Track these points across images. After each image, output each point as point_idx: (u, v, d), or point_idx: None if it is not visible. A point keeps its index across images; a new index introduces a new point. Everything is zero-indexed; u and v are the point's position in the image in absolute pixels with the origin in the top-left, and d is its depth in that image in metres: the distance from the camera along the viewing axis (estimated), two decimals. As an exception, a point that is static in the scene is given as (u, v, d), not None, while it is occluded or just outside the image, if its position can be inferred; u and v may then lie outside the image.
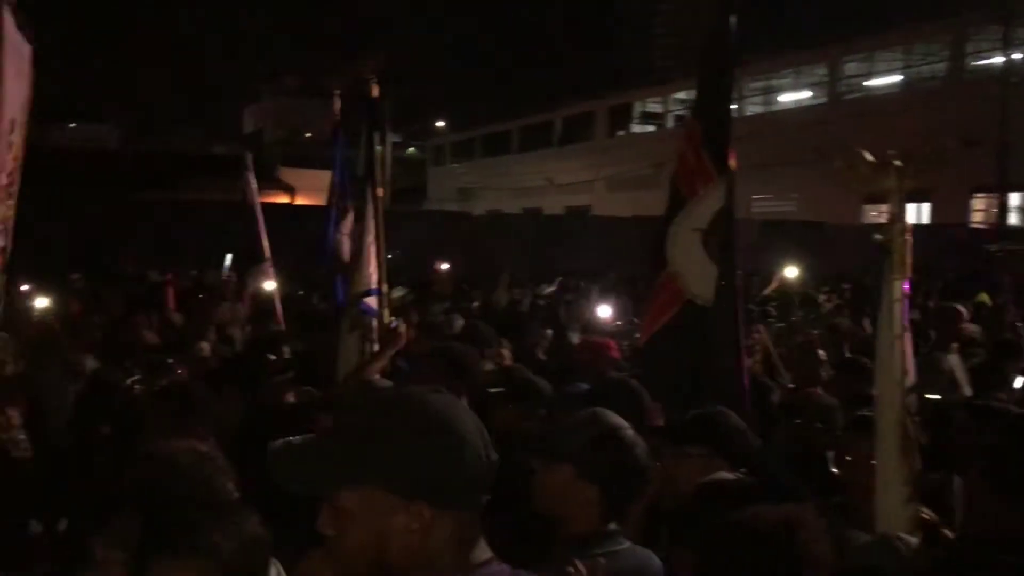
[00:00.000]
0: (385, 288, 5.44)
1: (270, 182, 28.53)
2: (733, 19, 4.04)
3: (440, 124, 55.35)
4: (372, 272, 5.43)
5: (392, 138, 35.99)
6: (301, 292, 9.77)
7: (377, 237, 5.44)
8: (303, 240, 8.46)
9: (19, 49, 4.18)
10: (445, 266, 13.62)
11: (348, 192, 7.12)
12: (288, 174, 35.23)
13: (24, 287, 7.54)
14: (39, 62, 4.42)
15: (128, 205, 17.24)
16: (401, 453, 1.42)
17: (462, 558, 1.47)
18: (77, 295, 7.75)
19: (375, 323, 5.27)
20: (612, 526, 2.40)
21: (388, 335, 4.78)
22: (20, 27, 4.13)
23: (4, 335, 3.98)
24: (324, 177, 8.24)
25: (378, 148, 5.70)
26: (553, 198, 40.50)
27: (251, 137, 58.45)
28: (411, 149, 58.63)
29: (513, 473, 2.74)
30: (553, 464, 2.42)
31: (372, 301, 5.37)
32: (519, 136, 46.78)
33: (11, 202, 4.18)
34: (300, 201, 27.65)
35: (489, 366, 5.33)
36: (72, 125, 61.05)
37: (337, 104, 7.93)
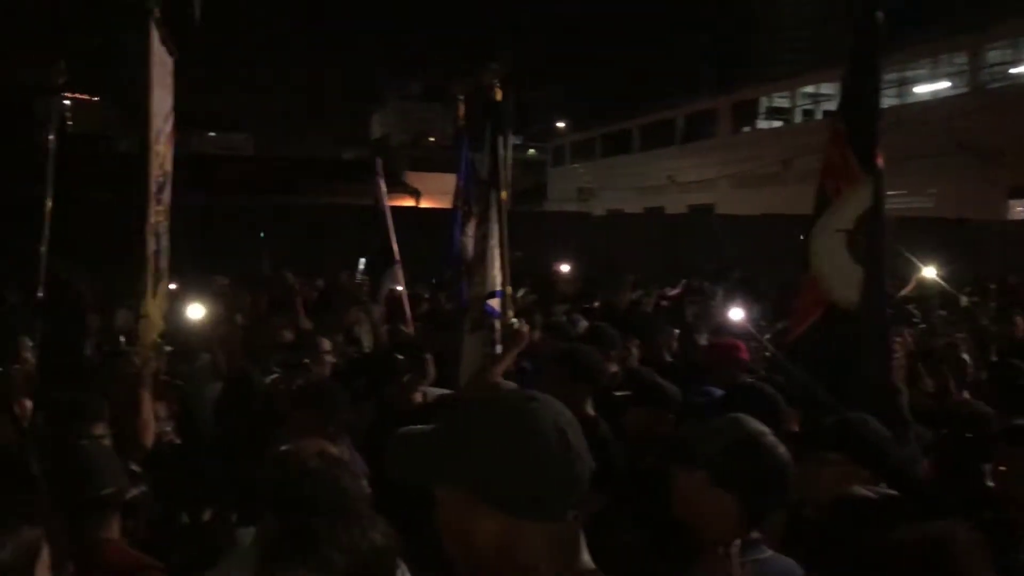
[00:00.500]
0: (508, 289, 5.46)
1: (396, 186, 29.26)
2: (880, 15, 3.87)
3: (560, 124, 55.39)
4: (496, 274, 5.46)
5: (513, 140, 36.23)
6: (427, 295, 9.93)
7: (500, 240, 5.46)
8: (430, 243, 8.60)
9: (163, 61, 4.41)
10: (566, 267, 13.57)
11: (472, 195, 7.19)
12: (414, 178, 36.06)
13: (172, 286, 7.93)
14: (180, 73, 4.66)
15: (265, 209, 17.94)
16: (475, 457, 1.43)
17: (557, 569, 1.44)
18: (220, 296, 8.10)
19: (497, 324, 5.30)
20: (755, 534, 2.32)
21: (511, 336, 4.79)
22: (163, 40, 4.36)
23: (157, 339, 4.19)
24: (449, 180, 8.36)
25: (500, 152, 5.72)
26: (675, 197, 39.83)
27: (378, 142, 60.18)
28: (531, 150, 58.94)
29: (650, 479, 2.69)
30: (688, 470, 2.36)
31: (495, 303, 5.40)
32: (640, 135, 46.18)
33: (160, 208, 4.41)
34: (425, 204, 28.22)
35: (614, 368, 5.28)
36: (212, 134, 64.57)
37: (461, 108, 8.01)
